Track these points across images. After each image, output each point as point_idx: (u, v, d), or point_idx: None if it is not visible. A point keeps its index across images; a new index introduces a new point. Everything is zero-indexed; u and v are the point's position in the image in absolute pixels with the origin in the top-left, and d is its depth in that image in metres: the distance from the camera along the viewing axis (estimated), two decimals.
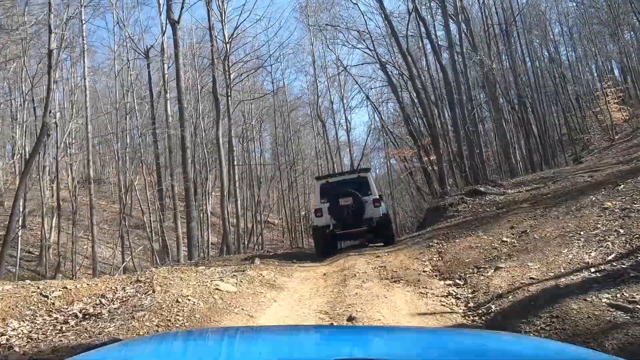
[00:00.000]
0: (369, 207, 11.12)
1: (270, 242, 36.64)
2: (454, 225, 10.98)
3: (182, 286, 6.17)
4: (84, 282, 6.57)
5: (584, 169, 16.18)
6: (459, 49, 17.04)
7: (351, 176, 12.01)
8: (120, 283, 6.70)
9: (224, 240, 16.91)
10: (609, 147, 26.94)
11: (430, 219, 13.74)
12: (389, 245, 11.01)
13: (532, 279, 5.65)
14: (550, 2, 33.62)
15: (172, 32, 17.05)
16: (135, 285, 6.54)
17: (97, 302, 5.97)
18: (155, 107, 22.93)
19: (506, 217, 9.89)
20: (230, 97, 21.40)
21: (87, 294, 6.26)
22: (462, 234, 9.19)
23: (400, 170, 33.72)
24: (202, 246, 27.44)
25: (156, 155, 21.36)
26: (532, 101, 24.16)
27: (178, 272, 7.05)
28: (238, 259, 10.78)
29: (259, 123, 30.95)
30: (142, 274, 6.96)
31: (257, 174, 32.00)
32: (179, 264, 13.35)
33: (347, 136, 32.16)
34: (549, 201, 10.62)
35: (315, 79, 28.19)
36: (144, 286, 6.42)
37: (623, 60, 35.22)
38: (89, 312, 5.56)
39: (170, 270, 7.12)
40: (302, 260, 10.61)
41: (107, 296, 6.17)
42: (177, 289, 6.02)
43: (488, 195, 13.58)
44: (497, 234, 8.41)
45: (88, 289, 6.36)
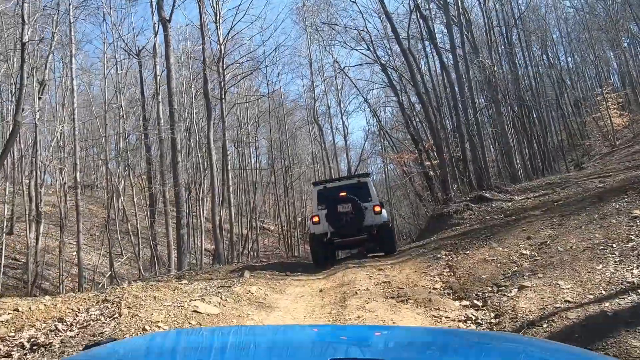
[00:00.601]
0: (369, 214, 10.16)
1: (266, 249, 35.61)
2: (461, 234, 10.05)
3: (154, 309, 5.20)
4: (41, 302, 5.58)
5: (591, 175, 15.31)
6: (460, 52, 16.17)
7: (350, 181, 11.04)
8: (85, 303, 5.72)
9: (216, 249, 15.90)
10: (611, 153, 26.17)
11: (433, 227, 12.79)
12: (391, 256, 10.05)
13: (567, 301, 4.71)
14: (549, 7, 32.93)
15: (163, 30, 16.12)
16: (101, 305, 5.57)
17: (53, 327, 4.98)
18: (149, 110, 22.06)
19: (519, 225, 8.96)
20: (224, 100, 20.49)
21: (42, 318, 5.28)
22: (473, 245, 8.25)
23: (398, 176, 32.84)
24: (195, 253, 26.47)
25: (147, 160, 20.36)
26: (533, 106, 23.34)
27: (153, 289, 6.07)
28: (227, 271, 9.79)
29: (255, 127, 29.96)
30: (112, 292, 5.98)
31: (252, 179, 31.04)
32: (168, 274, 12.38)
33: (345, 141, 31.23)
34: (564, 209, 9.71)
35: (312, 82, 27.32)
36: (110, 307, 5.44)
37: (622, 66, 34.57)
38: (39, 342, 4.58)
39: (144, 286, 6.13)
40: (297, 271, 9.63)
41: (66, 320, 5.19)
42: (147, 313, 5.04)
43: (494, 201, 12.67)
44: (513, 245, 7.48)
45: (45, 311, 5.38)
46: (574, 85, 36.50)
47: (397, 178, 33.61)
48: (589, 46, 34.40)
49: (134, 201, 16.64)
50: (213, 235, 17.29)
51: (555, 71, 30.97)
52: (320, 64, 28.65)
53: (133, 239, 22.81)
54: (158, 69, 18.40)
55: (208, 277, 8.59)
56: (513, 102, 21.08)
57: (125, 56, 21.69)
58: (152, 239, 19.97)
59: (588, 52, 35.68)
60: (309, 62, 26.96)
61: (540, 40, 30.41)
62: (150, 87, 22.06)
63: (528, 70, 25.77)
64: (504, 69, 21.17)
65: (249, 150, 33.44)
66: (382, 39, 20.00)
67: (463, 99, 14.25)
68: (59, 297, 5.86)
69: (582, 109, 34.60)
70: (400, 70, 19.67)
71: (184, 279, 8.69)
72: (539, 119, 23.29)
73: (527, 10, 27.57)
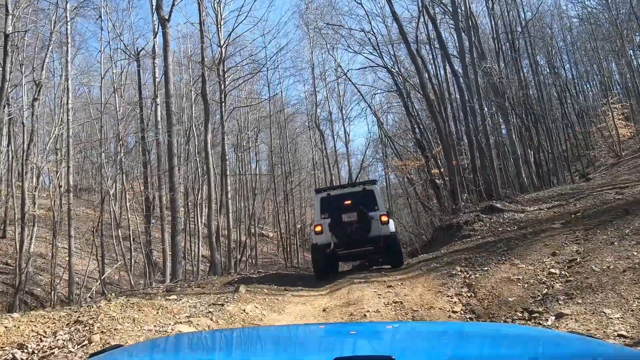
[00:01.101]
0: (375, 225, 9.33)
1: (265, 256, 34.71)
2: (474, 247, 9.25)
3: (130, 335, 4.39)
4: (1, 325, 4.76)
5: (604, 186, 14.56)
6: (468, 57, 15.44)
7: (355, 189, 10.20)
8: (54, 324, 4.91)
9: (212, 259, 15.07)
10: (617, 164, 25.46)
11: (441, 238, 11.99)
12: (398, 269, 9.24)
13: (622, 336, 3.92)
14: (554, 16, 32.30)
15: (162, 29, 15.40)
16: (72, 328, 4.76)
17: (10, 357, 4.18)
18: (148, 112, 21.30)
19: (539, 239, 8.18)
20: (224, 104, 19.74)
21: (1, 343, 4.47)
22: (491, 260, 7.46)
23: (400, 184, 32.01)
24: (192, 259, 25.61)
25: (144, 163, 19.63)
26: (539, 114, 22.59)
27: (134, 308, 5.26)
28: (221, 283, 8.98)
29: (255, 132, 29.17)
30: (86, 311, 5.17)
31: (252, 185, 30.23)
32: (159, 285, 11.56)
33: (346, 148, 30.43)
34: (586, 222, 8.94)
35: (314, 87, 26.56)
36: (81, 331, 4.64)
37: (625, 76, 33.91)
38: None
39: (124, 305, 5.32)
40: (298, 285, 8.82)
41: (28, 346, 4.39)
42: (122, 340, 4.23)
43: (506, 212, 11.88)
44: (538, 262, 6.69)
45: (4, 335, 4.57)
46: (578, 95, 35.84)
47: (399, 186, 32.81)
48: (594, 55, 33.76)
49: (126, 206, 15.82)
50: (209, 243, 16.47)
51: (560, 80, 30.31)
52: (323, 69, 27.96)
53: (126, 245, 22.01)
54: (157, 71, 17.67)
55: (200, 292, 7.77)
56: (520, 109, 20.35)
57: (124, 57, 20.94)
58: (147, 245, 19.17)
59: (592, 62, 35.05)
60: (311, 66, 26.26)
61: (545, 49, 29.77)
62: (149, 90, 21.34)
63: (533, 79, 25.03)
64: (510, 76, 20.43)
65: (249, 156, 32.68)
66: (386, 44, 19.29)
67: (472, 104, 13.50)
68: (25, 317, 5.04)
69: (585, 118, 33.92)
70: (405, 75, 18.95)
71: (173, 292, 7.88)
72: (545, 128, 22.54)
73: (533, 19, 26.96)
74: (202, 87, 14.97)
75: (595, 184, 16.14)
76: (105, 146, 21.26)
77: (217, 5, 19.24)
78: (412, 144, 26.00)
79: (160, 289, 9.07)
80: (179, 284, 9.52)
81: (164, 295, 7.16)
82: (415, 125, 17.12)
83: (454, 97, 20.68)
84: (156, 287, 9.40)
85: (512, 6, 22.73)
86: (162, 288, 9.32)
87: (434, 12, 19.35)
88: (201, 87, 15.10)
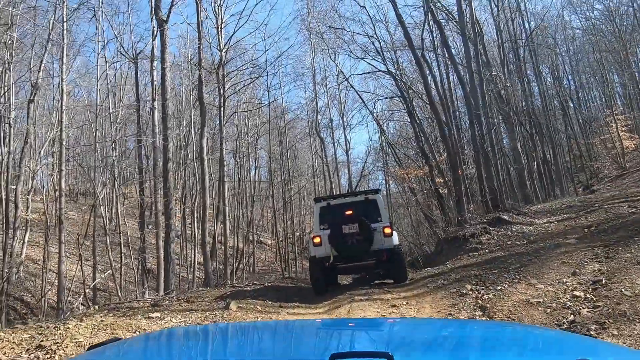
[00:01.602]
0: (378, 237, 8.65)
1: (263, 264, 33.99)
2: (483, 262, 8.59)
3: None
4: None
5: (615, 198, 13.93)
6: (474, 63, 14.85)
7: (357, 198, 9.49)
8: (13, 349, 4.25)
9: (205, 270, 14.39)
10: (621, 176, 24.82)
11: (446, 251, 11.32)
12: (402, 285, 8.56)
13: None
14: (557, 26, 31.83)
15: (160, 32, 14.84)
16: (32, 355, 4.11)
17: None
18: (146, 116, 20.74)
19: (554, 256, 7.54)
20: (223, 109, 19.15)
21: None
22: (504, 278, 6.81)
23: (400, 193, 31.34)
24: (188, 267, 24.95)
25: (139, 168, 19.04)
26: (543, 124, 22.01)
27: (107, 330, 4.60)
28: (213, 297, 8.30)
29: (255, 138, 28.54)
30: (51, 334, 4.51)
31: (251, 192, 29.58)
32: (145, 299, 10.88)
33: (347, 156, 29.74)
34: (604, 237, 8.31)
35: (315, 94, 25.96)
36: (42, 359, 3.98)
37: (628, 88, 33.40)
38: None
39: (96, 326, 4.66)
40: (294, 300, 8.15)
41: None
42: None
43: (514, 225, 11.24)
44: (557, 282, 6.04)
45: None
46: (581, 106, 35.32)
47: (399, 195, 32.12)
48: (597, 67, 33.28)
49: (118, 211, 15.17)
50: (202, 253, 15.80)
51: (562, 90, 29.79)
52: (324, 75, 27.39)
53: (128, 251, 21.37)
54: (155, 74, 17.10)
55: (187, 307, 7.10)
56: (525, 119, 19.76)
57: (123, 60, 20.41)
58: (141, 252, 18.52)
59: (596, 73, 34.56)
60: (312, 72, 25.66)
61: (549, 59, 29.29)
62: (148, 93, 20.80)
63: (537, 89, 24.52)
64: (514, 85, 19.87)
65: (249, 162, 32.07)
66: (390, 50, 18.73)
67: (478, 111, 12.89)
68: None
69: (588, 130, 33.37)
70: (408, 82, 18.36)
71: (159, 307, 7.21)
72: (549, 139, 21.94)
73: (536, 29, 26.46)
74: (198, 89, 14.38)
75: (603, 197, 15.50)
76: (103, 150, 20.65)
77: (217, 8, 18.70)
78: (413, 152, 25.38)
79: (147, 302, 8.40)
80: (168, 297, 8.85)
81: (148, 312, 6.50)
82: (420, 132, 16.44)
83: (457, 105, 20.13)
84: (143, 300, 8.73)
85: (517, 14, 22.22)
86: (149, 301, 8.66)
87: (439, 18, 18.84)
88: (198, 90, 14.48)
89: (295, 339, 1.60)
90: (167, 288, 13.51)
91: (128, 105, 22.59)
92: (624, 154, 26.84)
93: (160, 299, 8.72)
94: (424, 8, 14.50)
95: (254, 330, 1.95)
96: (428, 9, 13.65)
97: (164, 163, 14.28)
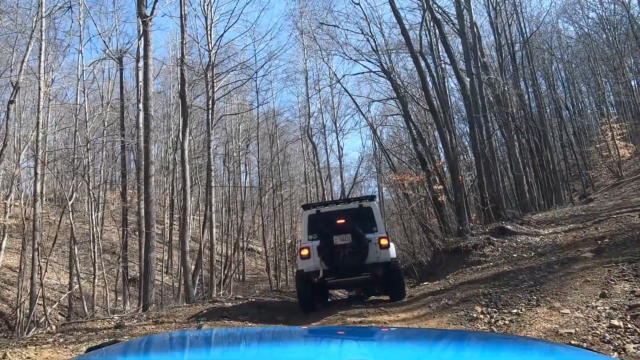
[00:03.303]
0: (373, 249, 7.61)
1: (253, 271, 32.86)
2: (490, 278, 7.61)
3: None
4: None
5: (622, 207, 13.05)
6: (473, 64, 13.96)
7: (350, 205, 8.28)
8: None
9: (185, 283, 13.27)
10: (618, 185, 24.09)
11: (445, 263, 10.33)
12: (400, 304, 7.53)
13: None
14: (552, 33, 31.20)
15: (143, 27, 13.84)
16: None
17: None
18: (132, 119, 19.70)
19: (573, 272, 6.58)
20: (212, 111, 18.15)
21: None
22: (518, 299, 5.84)
23: (393, 200, 30.40)
24: (175, 275, 23.86)
25: (122, 173, 17.99)
26: (541, 131, 21.16)
27: None
28: (186, 316, 7.24)
29: (246, 144, 27.52)
30: None
31: (241, 198, 28.49)
32: (116, 314, 9.82)
33: (339, 162, 28.75)
34: (622, 251, 7.37)
35: (307, 97, 24.98)
36: None
37: (622, 96, 32.83)
38: None
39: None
40: (277, 321, 7.12)
41: None
42: None
43: (519, 235, 10.29)
44: (585, 306, 5.07)
45: None
46: (576, 113, 34.71)
47: (392, 202, 31.18)
48: (592, 75, 32.73)
49: (92, 217, 14.06)
50: (182, 263, 14.71)
51: (557, 97, 29.10)
52: (317, 78, 26.43)
53: (112, 258, 20.26)
54: (141, 74, 16.09)
55: (153, 330, 6.06)
56: (522, 125, 18.92)
57: (106, 59, 19.36)
58: (123, 260, 17.42)
59: (590, 81, 34.00)
60: (304, 76, 24.70)
61: (543, 66, 28.62)
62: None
63: (534, 96, 23.71)
64: (511, 91, 19.05)
65: (239, 167, 30.99)
66: (385, 52, 17.77)
67: (478, 114, 11.99)
68: None
69: (583, 138, 32.72)
70: (404, 85, 17.45)
71: (121, 331, 6.14)
72: (546, 146, 21.11)
73: (532, 35, 25.75)
74: (180, 88, 13.33)
75: (606, 206, 14.64)
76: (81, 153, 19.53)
77: (206, 7, 17.74)
78: (407, 159, 24.46)
79: (113, 320, 7.33)
80: (137, 315, 7.78)
81: (104, 337, 5.44)
82: (417, 136, 15.43)
83: (451, 112, 19.23)
84: (109, 318, 7.65)
85: (514, 19, 21.45)
86: (115, 319, 7.58)
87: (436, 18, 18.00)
88: (180, 88, 13.45)
89: (281, 347, 1.55)
90: (145, 300, 12.46)
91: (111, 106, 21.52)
92: (620, 163, 26.16)
93: (129, 317, 7.66)
94: (422, 6, 13.56)
95: (241, 337, 1.92)
96: (427, 6, 12.71)
97: (145, 166, 13.21)
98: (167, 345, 1.71)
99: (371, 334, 2.04)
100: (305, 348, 1.56)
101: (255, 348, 1.60)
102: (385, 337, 1.84)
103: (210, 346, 1.67)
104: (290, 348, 1.52)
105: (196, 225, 28.74)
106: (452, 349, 1.53)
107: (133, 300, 18.37)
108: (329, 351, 1.50)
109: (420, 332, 2.52)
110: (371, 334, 2.04)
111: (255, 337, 1.89)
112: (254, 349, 1.58)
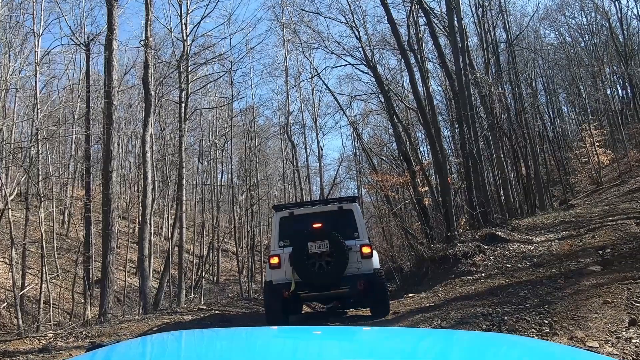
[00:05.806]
0: (354, 258, 6.48)
1: (228, 273, 31.55)
2: (486, 292, 6.59)
3: None
4: None
5: (612, 214, 12.25)
6: (461, 64, 13.00)
7: (328, 207, 7.12)
8: None
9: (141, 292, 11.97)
10: (598, 191, 23.63)
11: (432, 273, 9.27)
12: (383, 322, 6.41)
13: None
14: (533, 39, 30.70)
15: (107, 11, 12.54)
16: None
17: None
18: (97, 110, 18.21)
19: (584, 289, 5.59)
20: (185, 105, 16.85)
21: None
22: (526, 322, 4.81)
23: (373, 202, 29.38)
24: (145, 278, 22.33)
25: (86, 168, 16.58)
26: (525, 135, 20.43)
27: None
28: (131, 335, 6.00)
29: (223, 141, 26.14)
30: None
31: (216, 197, 27.12)
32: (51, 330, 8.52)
33: (319, 162, 27.60)
34: (635, 264, 6.43)
35: (287, 95, 23.82)
36: None
37: (601, 104, 32.58)
38: None
39: None
40: None
41: None
42: None
43: (510, 243, 9.34)
44: (615, 337, 4.06)
45: None
46: (555, 119, 34.39)
47: (371, 204, 30.14)
48: (573, 81, 32.41)
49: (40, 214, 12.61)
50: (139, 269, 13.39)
51: (537, 102, 28.60)
52: (297, 75, 25.25)
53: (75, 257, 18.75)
54: None
55: None
56: (509, 127, 18.13)
57: (80, 52, 17.92)
58: (85, 261, 16.02)
59: (571, 88, 33.69)
60: (284, 71, 23.53)
61: (524, 71, 28.07)
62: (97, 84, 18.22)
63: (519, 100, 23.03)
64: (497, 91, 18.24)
65: (215, 166, 29.61)
66: (368, 47, 16.69)
67: (467, 112, 11.02)
68: None
69: (563, 144, 32.37)
70: (387, 83, 16.41)
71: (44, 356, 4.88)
72: (531, 151, 20.38)
73: (515, 40, 25.11)
74: (144, 72, 11.99)
75: (594, 212, 13.86)
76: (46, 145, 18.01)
77: None
78: (388, 160, 23.45)
79: (42, 340, 6.04)
80: (75, 332, 6.49)
81: None
82: (402, 131, 14.33)
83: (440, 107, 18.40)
84: (40, 336, 6.34)
85: (499, 20, 20.69)
86: (49, 335, 6.31)
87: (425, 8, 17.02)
88: (143, 72, 12.11)
89: (287, 349, 1.45)
90: (102, 307, 11.16)
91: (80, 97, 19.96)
92: (600, 169, 25.75)
93: (65, 334, 6.37)
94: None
95: (246, 338, 1.78)
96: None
97: (104, 161, 11.89)
98: (167, 345, 1.64)
99: (353, 333, 1.89)
100: (282, 348, 1.46)
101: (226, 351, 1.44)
102: (367, 336, 1.74)
103: (201, 347, 1.55)
104: (268, 347, 1.43)
105: (170, 223, 27.31)
106: (439, 347, 1.41)
107: (96, 304, 16.93)
108: (308, 352, 1.38)
109: (405, 331, 2.38)
110: (353, 333, 1.89)
111: (249, 339, 1.74)
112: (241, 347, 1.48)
